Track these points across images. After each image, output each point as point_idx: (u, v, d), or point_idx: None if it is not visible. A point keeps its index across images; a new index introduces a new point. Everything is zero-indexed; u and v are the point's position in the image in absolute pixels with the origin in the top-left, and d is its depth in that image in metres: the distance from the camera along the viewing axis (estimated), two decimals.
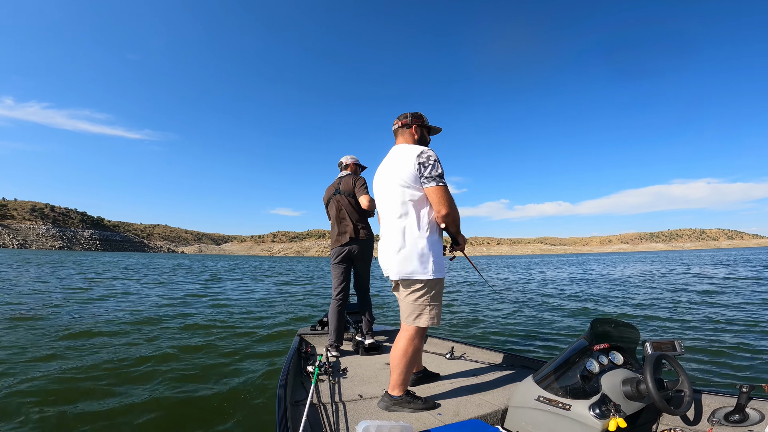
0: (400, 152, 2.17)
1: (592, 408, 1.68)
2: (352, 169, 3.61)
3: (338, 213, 3.39)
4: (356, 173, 3.61)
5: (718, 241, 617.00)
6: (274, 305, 9.64)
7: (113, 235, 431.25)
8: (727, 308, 8.30)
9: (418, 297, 2.13)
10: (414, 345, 2.15)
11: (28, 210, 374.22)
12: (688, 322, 6.78)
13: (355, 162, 3.63)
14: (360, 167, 3.68)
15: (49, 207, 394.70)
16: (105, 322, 6.54)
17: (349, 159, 3.62)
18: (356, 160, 3.64)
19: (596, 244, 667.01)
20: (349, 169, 3.60)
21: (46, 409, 3.03)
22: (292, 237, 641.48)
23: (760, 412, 1.73)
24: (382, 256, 2.27)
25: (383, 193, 2.25)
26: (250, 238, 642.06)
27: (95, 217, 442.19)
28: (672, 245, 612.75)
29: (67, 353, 4.55)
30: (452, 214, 2.10)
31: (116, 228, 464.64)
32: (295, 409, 2.11)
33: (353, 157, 3.64)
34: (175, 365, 4.21)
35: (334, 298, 3.38)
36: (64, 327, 5.95)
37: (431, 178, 2.05)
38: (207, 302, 9.81)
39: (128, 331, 5.91)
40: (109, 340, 5.28)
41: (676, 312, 7.85)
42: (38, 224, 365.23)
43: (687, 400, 1.77)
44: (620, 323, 2.18)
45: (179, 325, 6.44)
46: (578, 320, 7.25)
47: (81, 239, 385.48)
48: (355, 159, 3.65)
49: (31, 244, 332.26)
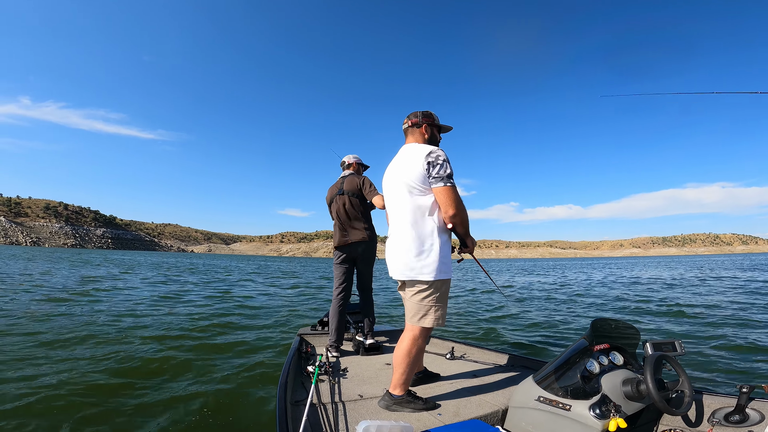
0: (410, 152, 2.17)
1: (592, 408, 1.68)
2: (355, 169, 3.58)
3: (341, 213, 3.38)
4: (359, 173, 3.59)
5: (733, 246, 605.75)
6: (275, 305, 9.68)
7: (125, 234, 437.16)
8: (727, 308, 8.21)
9: (424, 297, 2.12)
10: (418, 345, 2.15)
11: (42, 208, 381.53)
12: (688, 323, 6.75)
13: (357, 161, 3.60)
14: (363, 166, 3.65)
15: (63, 205, 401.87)
16: (110, 318, 6.65)
17: (352, 158, 3.59)
18: (359, 159, 3.61)
19: (607, 249, 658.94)
20: (351, 168, 3.58)
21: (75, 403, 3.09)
22: (300, 238, 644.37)
23: (760, 412, 1.73)
24: (390, 256, 2.26)
25: (392, 193, 2.25)
26: (259, 238, 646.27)
27: (108, 215, 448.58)
28: (685, 250, 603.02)
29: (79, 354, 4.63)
30: (460, 215, 2.09)
31: (128, 227, 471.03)
32: (295, 409, 2.12)
33: (356, 156, 3.61)
34: (175, 365, 4.23)
35: (335, 297, 3.37)
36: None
37: (439, 178, 2.04)
38: (207, 302, 9.84)
39: (127, 328, 5.98)
40: (108, 338, 5.35)
41: (675, 312, 7.77)
42: (51, 222, 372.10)
43: (687, 400, 1.76)
44: (620, 323, 2.17)
45: (178, 325, 6.45)
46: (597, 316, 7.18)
47: (93, 237, 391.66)
48: (358, 158, 3.61)
49: (44, 241, 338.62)
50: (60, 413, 2.93)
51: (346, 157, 3.62)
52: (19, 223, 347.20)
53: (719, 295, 10.94)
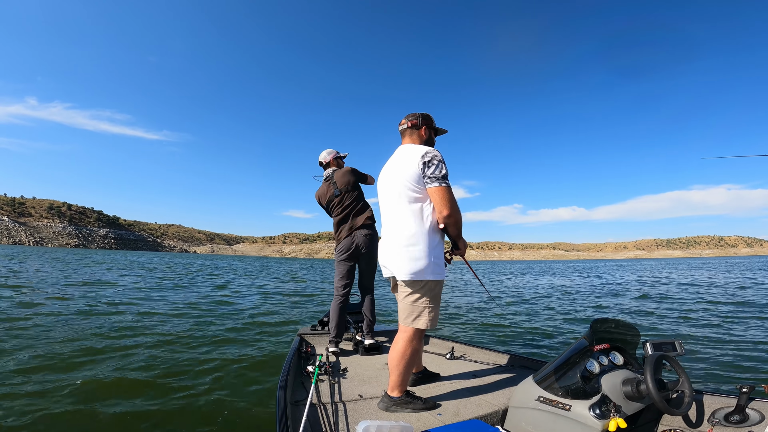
0: (406, 152, 2.17)
1: (592, 408, 1.67)
2: (335, 164, 3.56)
3: (344, 211, 3.37)
4: (340, 166, 3.57)
5: (737, 249, 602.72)
6: (274, 305, 9.70)
7: (128, 234, 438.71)
8: (727, 308, 8.17)
9: (418, 298, 2.12)
10: (412, 346, 2.14)
11: (46, 208, 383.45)
12: (688, 323, 6.74)
13: (335, 156, 3.57)
14: (341, 158, 3.63)
15: (66, 205, 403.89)
16: (110, 318, 6.65)
17: (328, 156, 3.56)
18: (336, 153, 3.59)
19: (611, 251, 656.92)
20: (332, 165, 3.56)
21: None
22: (302, 239, 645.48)
23: (760, 412, 1.72)
24: (383, 256, 2.26)
25: (387, 193, 2.25)
26: (261, 239, 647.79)
27: (111, 216, 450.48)
28: (689, 252, 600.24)
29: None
30: (454, 216, 2.07)
31: (131, 227, 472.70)
32: (295, 409, 2.12)
33: (330, 151, 3.58)
34: (175, 365, 4.23)
35: (337, 294, 3.37)
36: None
37: (434, 178, 2.03)
38: (205, 302, 9.87)
39: (128, 327, 6.00)
40: (108, 336, 5.36)
41: (675, 312, 7.75)
42: (55, 222, 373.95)
43: (687, 400, 1.76)
44: (621, 323, 2.16)
45: (176, 325, 6.44)
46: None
47: (96, 237, 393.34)
48: (334, 152, 3.58)
49: (47, 241, 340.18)
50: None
51: (322, 156, 3.59)
52: (22, 223, 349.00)
53: (718, 296, 10.92)
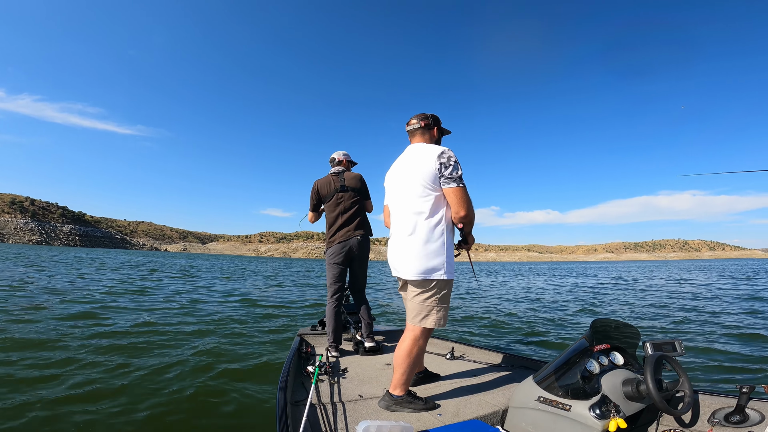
0: (419, 151, 2.17)
1: (592, 408, 1.70)
2: (345, 166, 3.59)
3: (345, 209, 3.35)
4: (348, 169, 3.61)
5: (701, 252, 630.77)
6: (274, 305, 9.53)
7: (94, 231, 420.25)
8: (727, 309, 8.44)
9: (428, 297, 2.13)
10: (419, 345, 2.16)
11: (8, 203, 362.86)
12: (688, 323, 6.89)
13: (347, 158, 3.61)
14: (351, 163, 3.67)
15: (29, 200, 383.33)
16: (111, 316, 6.37)
17: (342, 155, 3.60)
18: (348, 156, 3.64)
19: (582, 253, 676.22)
20: (342, 165, 3.58)
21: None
22: (279, 238, 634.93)
23: (760, 412, 1.76)
24: (393, 255, 2.26)
25: (399, 192, 2.24)
26: (237, 237, 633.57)
27: (76, 212, 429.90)
28: (655, 255, 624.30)
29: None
30: (470, 216, 2.12)
31: (98, 224, 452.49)
32: (295, 409, 2.10)
33: (345, 153, 3.63)
34: (174, 365, 4.13)
35: (331, 298, 3.33)
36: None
37: (452, 179, 2.06)
38: (205, 302, 9.62)
39: (126, 327, 5.79)
40: (110, 335, 5.15)
41: (674, 313, 7.96)
42: (17, 217, 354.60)
43: (687, 400, 1.79)
44: (620, 324, 2.21)
45: (177, 325, 6.28)
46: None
47: (60, 234, 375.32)
48: (348, 155, 3.63)
49: (8, 237, 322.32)
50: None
51: (336, 153, 3.63)
52: None
53: (718, 297, 11.18)
